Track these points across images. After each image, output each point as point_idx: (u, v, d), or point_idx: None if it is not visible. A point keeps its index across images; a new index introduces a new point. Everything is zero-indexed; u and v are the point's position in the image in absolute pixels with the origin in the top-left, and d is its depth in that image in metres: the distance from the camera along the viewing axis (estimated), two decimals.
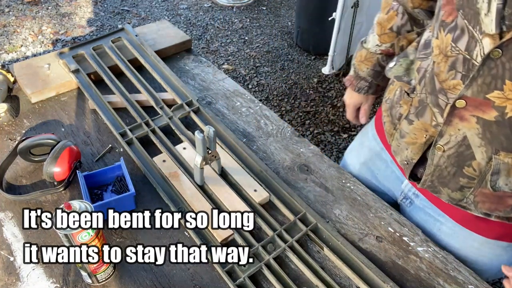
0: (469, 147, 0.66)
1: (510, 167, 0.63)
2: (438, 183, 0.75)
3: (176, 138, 1.06)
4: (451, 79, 0.62)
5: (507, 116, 0.58)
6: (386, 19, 0.89)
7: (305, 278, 0.79)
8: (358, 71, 0.98)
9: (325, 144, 2.42)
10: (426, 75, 0.70)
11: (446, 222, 0.85)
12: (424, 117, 0.72)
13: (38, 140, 0.95)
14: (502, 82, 0.56)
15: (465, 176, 0.70)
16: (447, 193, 0.75)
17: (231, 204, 0.89)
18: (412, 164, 0.78)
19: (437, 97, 0.67)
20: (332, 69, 2.85)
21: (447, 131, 0.67)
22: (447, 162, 0.70)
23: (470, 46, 0.58)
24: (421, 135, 0.74)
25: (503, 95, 0.56)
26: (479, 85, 0.58)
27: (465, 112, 0.63)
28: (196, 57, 1.37)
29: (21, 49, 3.06)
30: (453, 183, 0.72)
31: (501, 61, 0.54)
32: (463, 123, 0.64)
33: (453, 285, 0.78)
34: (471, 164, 0.67)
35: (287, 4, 3.75)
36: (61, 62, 1.23)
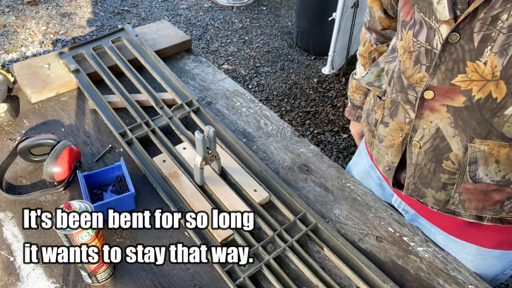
0: (443, 139, 0.65)
1: (487, 155, 0.62)
2: (421, 184, 0.74)
3: (176, 138, 1.06)
4: (417, 73, 0.64)
5: (475, 99, 0.58)
6: (364, 50, 0.93)
7: (305, 278, 0.79)
8: (353, 101, 1.02)
9: (325, 144, 2.42)
10: (394, 75, 0.71)
11: (439, 234, 0.84)
12: (397, 116, 0.72)
13: (38, 140, 0.95)
14: (464, 65, 0.56)
15: (445, 172, 0.69)
16: (431, 194, 0.73)
17: (231, 204, 0.89)
18: (393, 168, 0.78)
19: (407, 94, 0.68)
20: (332, 69, 2.85)
21: (420, 125, 0.67)
22: (425, 159, 0.70)
23: (430, 37, 0.59)
24: (397, 135, 0.74)
25: (467, 78, 0.57)
26: (443, 72, 0.59)
27: (434, 103, 0.63)
28: (196, 57, 1.37)
29: (21, 49, 3.06)
30: (435, 181, 0.71)
31: (460, 44, 0.55)
32: (434, 114, 0.64)
33: (453, 285, 0.78)
34: (448, 157, 0.67)
35: (287, 4, 3.75)
36: (61, 62, 1.23)
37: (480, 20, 0.52)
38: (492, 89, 0.56)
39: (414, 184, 0.75)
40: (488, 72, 0.55)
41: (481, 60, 0.55)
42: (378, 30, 0.88)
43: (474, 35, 0.54)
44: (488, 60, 0.54)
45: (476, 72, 0.56)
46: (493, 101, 0.57)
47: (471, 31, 0.54)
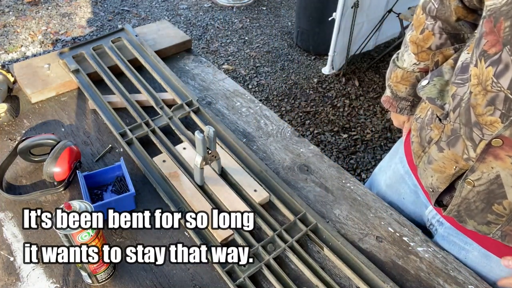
0: (501, 186, 0.62)
1: None
2: (465, 214, 0.71)
3: (176, 138, 1.06)
4: (489, 115, 0.58)
5: None
6: (422, 38, 0.82)
7: (305, 278, 0.79)
8: (397, 92, 0.92)
9: (325, 144, 2.42)
10: (461, 104, 0.65)
11: (473, 251, 0.81)
12: (455, 148, 0.68)
13: (38, 140, 0.95)
14: None
15: (493, 213, 0.66)
16: (473, 225, 0.72)
17: (231, 204, 0.89)
18: (438, 192, 0.75)
19: (472, 130, 0.63)
20: (332, 69, 2.85)
21: (479, 168, 0.63)
22: (476, 197, 0.67)
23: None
24: (450, 166, 0.70)
25: None
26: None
27: (500, 151, 0.59)
28: (196, 57, 1.37)
29: (21, 49, 3.06)
30: (480, 218, 0.69)
31: None
32: (498, 161, 0.60)
33: (453, 285, 0.78)
34: (501, 203, 0.64)
35: (287, 4, 3.75)
36: (61, 62, 1.23)
37: None
38: None
39: (457, 212, 0.73)
40: None
41: None
42: (450, 21, 0.77)
43: None
44: None
45: None
46: None
47: None
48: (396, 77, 0.90)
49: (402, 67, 0.89)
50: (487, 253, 0.79)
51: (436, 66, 0.80)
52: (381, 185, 1.04)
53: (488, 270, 0.80)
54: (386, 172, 1.02)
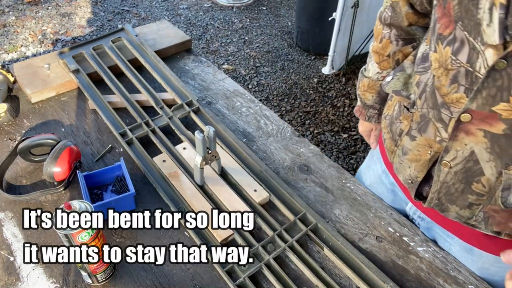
0: (477, 163, 0.63)
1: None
2: (446, 200, 0.72)
3: (176, 138, 1.06)
4: (454, 93, 0.61)
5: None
6: (381, 47, 0.87)
7: (305, 278, 0.79)
8: (365, 100, 0.96)
9: (325, 144, 2.42)
10: (426, 90, 0.68)
11: (455, 245, 0.83)
12: (427, 133, 0.70)
13: (38, 140, 0.95)
14: (508, 94, 0.54)
15: (473, 193, 0.67)
16: (455, 210, 0.72)
17: (231, 204, 0.89)
18: (417, 182, 0.76)
19: (440, 112, 0.65)
20: (332, 69, 2.85)
21: (453, 147, 0.64)
22: (454, 179, 0.68)
23: (472, 58, 0.56)
24: (425, 152, 0.71)
25: (510, 107, 0.54)
26: (484, 98, 0.56)
27: (471, 126, 0.60)
28: (196, 57, 1.37)
29: (21, 49, 3.06)
30: (461, 200, 0.69)
31: (507, 72, 0.52)
32: (470, 137, 0.61)
33: (453, 285, 0.78)
34: (480, 180, 0.65)
35: (287, 4, 3.75)
36: (61, 62, 1.23)
37: None
38: None
39: (438, 199, 0.73)
40: None
41: None
42: (403, 26, 0.82)
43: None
44: None
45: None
46: None
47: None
48: (363, 86, 0.94)
49: (368, 76, 0.93)
50: (468, 247, 0.80)
51: (397, 64, 0.83)
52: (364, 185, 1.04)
53: (471, 264, 0.81)
54: (366, 173, 1.04)
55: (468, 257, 0.81)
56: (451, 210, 0.73)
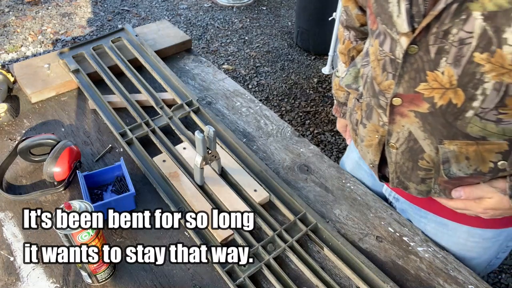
0: (416, 141, 0.69)
1: (457, 153, 0.65)
2: (403, 178, 0.77)
3: (176, 138, 1.06)
4: (385, 80, 0.67)
5: (438, 106, 0.62)
6: (344, 48, 0.94)
7: (305, 278, 0.79)
8: (338, 98, 1.02)
9: (325, 144, 2.42)
10: (367, 80, 0.75)
11: (429, 223, 0.86)
12: (372, 119, 0.76)
13: (38, 140, 0.95)
14: (424, 74, 0.60)
15: (421, 169, 0.72)
16: (413, 187, 0.77)
17: (231, 204, 0.89)
18: (376, 165, 0.81)
19: (378, 99, 0.71)
20: (332, 69, 2.85)
21: (394, 129, 0.70)
22: (403, 158, 0.73)
23: (392, 47, 0.63)
24: (374, 136, 0.77)
25: (429, 86, 0.61)
26: (406, 81, 0.63)
27: (403, 109, 0.66)
28: (196, 57, 1.37)
29: (21, 49, 3.06)
30: (414, 177, 0.74)
31: (419, 55, 0.59)
32: (404, 119, 0.67)
33: (453, 285, 0.78)
34: (423, 157, 0.70)
35: (287, 4, 3.75)
36: (61, 62, 1.23)
37: (434, 34, 0.56)
38: (452, 96, 0.59)
39: (397, 178, 0.78)
40: (446, 81, 0.58)
41: (438, 70, 0.58)
42: (357, 27, 0.89)
43: (430, 48, 0.57)
44: (445, 70, 0.58)
45: (436, 81, 0.60)
46: (454, 107, 0.60)
47: (427, 44, 0.57)
48: (336, 85, 1.01)
49: (338, 76, 0.99)
50: (443, 221, 0.84)
51: (352, 60, 0.91)
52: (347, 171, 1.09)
53: (447, 239, 0.84)
54: (347, 162, 1.09)
55: (444, 231, 0.85)
56: (411, 187, 0.77)
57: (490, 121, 0.59)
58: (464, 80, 0.57)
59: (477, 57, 0.54)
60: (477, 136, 0.62)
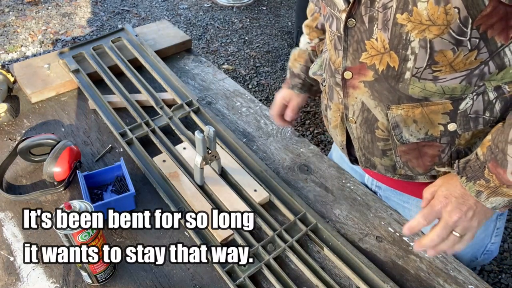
0: (369, 111, 0.72)
1: (405, 117, 0.68)
2: (368, 154, 0.79)
3: (176, 138, 1.06)
4: (337, 58, 0.72)
5: (380, 72, 0.66)
6: (311, 20, 1.00)
7: (305, 278, 0.79)
8: (292, 69, 1.03)
9: (325, 144, 2.42)
10: (326, 63, 0.80)
11: (413, 208, 0.88)
12: (334, 99, 0.80)
13: (38, 140, 0.95)
14: (364, 44, 0.65)
15: (380, 140, 0.75)
16: (379, 162, 0.79)
17: (231, 204, 0.89)
18: (344, 146, 0.84)
19: (335, 78, 0.75)
20: None
21: (349, 103, 0.74)
22: (362, 131, 0.76)
23: (338, 26, 0.68)
24: (337, 115, 0.81)
25: (369, 54, 0.65)
26: (351, 54, 0.68)
27: (353, 81, 0.71)
28: (196, 57, 1.37)
29: (21, 49, 3.06)
30: (376, 150, 0.77)
31: (357, 27, 0.64)
32: (356, 90, 0.71)
33: (453, 285, 0.78)
34: (378, 126, 0.73)
35: (287, 4, 3.75)
36: (61, 62, 1.23)
37: (364, 4, 0.61)
38: (388, 60, 0.64)
39: (363, 156, 0.81)
40: (381, 46, 0.63)
41: (373, 37, 0.63)
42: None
43: (364, 18, 0.62)
44: (378, 36, 0.62)
45: (373, 48, 0.64)
46: (392, 70, 0.65)
47: (361, 15, 0.62)
48: (294, 55, 1.03)
49: (298, 48, 1.04)
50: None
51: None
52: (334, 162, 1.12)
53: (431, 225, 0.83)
54: (333, 154, 1.13)
55: None
56: (376, 163, 0.80)
57: (428, 80, 0.63)
58: (394, 42, 0.61)
59: (399, 18, 0.58)
60: (420, 98, 0.66)
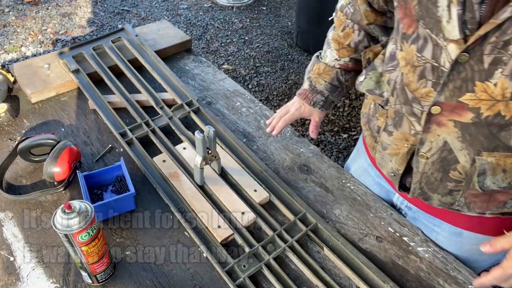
0: (451, 152, 0.66)
1: (495, 165, 0.63)
2: (428, 189, 0.75)
3: (176, 138, 1.06)
4: (422, 88, 0.64)
5: (483, 116, 0.59)
6: (343, 36, 0.89)
7: (305, 278, 0.79)
8: (316, 84, 0.95)
9: (325, 144, 2.42)
10: (396, 87, 0.71)
11: (442, 232, 0.85)
12: (402, 127, 0.72)
13: (38, 140, 0.95)
14: (472, 85, 0.57)
15: (452, 180, 0.70)
16: (437, 198, 0.75)
17: (231, 204, 0.89)
18: (399, 175, 0.78)
19: (412, 107, 0.68)
20: None
21: (427, 138, 0.67)
22: (432, 169, 0.70)
23: (436, 54, 0.59)
24: (402, 145, 0.74)
25: (476, 97, 0.58)
26: (450, 90, 0.60)
27: (441, 118, 0.63)
28: (196, 57, 1.37)
29: (21, 49, 3.06)
30: (442, 188, 0.72)
31: (469, 64, 0.56)
32: (442, 128, 0.65)
33: (453, 285, 0.78)
34: (456, 168, 0.68)
35: (287, 4, 3.75)
36: (61, 62, 1.23)
37: (491, 44, 0.52)
38: (501, 108, 0.57)
39: (420, 189, 0.76)
40: (498, 93, 0.56)
41: (491, 81, 0.55)
42: (362, 24, 0.85)
43: (484, 57, 0.54)
44: (499, 82, 0.54)
45: (485, 92, 0.56)
46: (501, 118, 0.58)
47: (481, 53, 0.54)
48: (319, 69, 0.94)
49: (324, 62, 0.94)
50: (457, 231, 0.82)
51: (369, 63, 0.85)
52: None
53: (459, 248, 0.83)
54: (353, 165, 1.06)
55: (457, 240, 0.83)
56: (434, 198, 0.75)
57: None
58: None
59: None
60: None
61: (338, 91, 0.95)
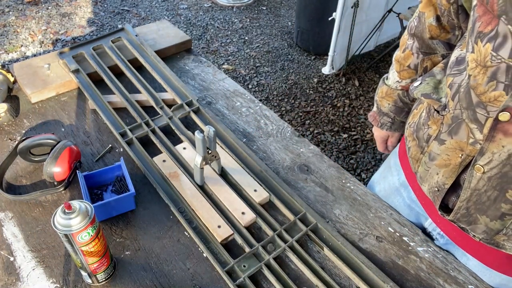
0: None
1: None
2: (475, 210, 0.67)
3: (176, 138, 1.06)
4: (492, 91, 0.57)
5: None
6: (403, 57, 0.87)
7: (305, 278, 0.79)
8: (381, 107, 0.96)
9: (325, 144, 2.42)
10: (460, 90, 0.64)
11: (473, 260, 0.80)
12: (458, 135, 0.66)
13: (38, 140, 0.95)
14: None
15: (508, 202, 0.62)
16: (484, 222, 0.67)
17: (231, 204, 0.89)
18: (444, 190, 0.71)
19: (475, 112, 0.61)
20: (332, 69, 2.85)
21: (489, 149, 0.60)
22: (487, 185, 0.63)
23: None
24: (455, 155, 0.67)
25: None
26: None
27: (510, 126, 0.56)
28: (196, 57, 1.37)
29: (21, 49, 3.06)
30: (493, 210, 0.64)
31: None
32: (508, 138, 0.57)
33: (453, 285, 0.78)
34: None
35: (287, 4, 3.75)
36: (61, 62, 1.23)
37: None
38: None
39: (466, 209, 0.68)
40: None
41: None
42: (425, 39, 0.81)
43: None
44: None
45: None
46: None
47: None
48: (382, 93, 0.96)
49: (387, 84, 0.94)
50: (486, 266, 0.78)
51: (425, 72, 0.82)
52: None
53: (488, 279, 0.79)
54: (380, 183, 1.01)
55: (486, 272, 0.78)
56: (480, 222, 0.68)
57: None
58: None
59: None
60: None
61: (405, 112, 0.94)
